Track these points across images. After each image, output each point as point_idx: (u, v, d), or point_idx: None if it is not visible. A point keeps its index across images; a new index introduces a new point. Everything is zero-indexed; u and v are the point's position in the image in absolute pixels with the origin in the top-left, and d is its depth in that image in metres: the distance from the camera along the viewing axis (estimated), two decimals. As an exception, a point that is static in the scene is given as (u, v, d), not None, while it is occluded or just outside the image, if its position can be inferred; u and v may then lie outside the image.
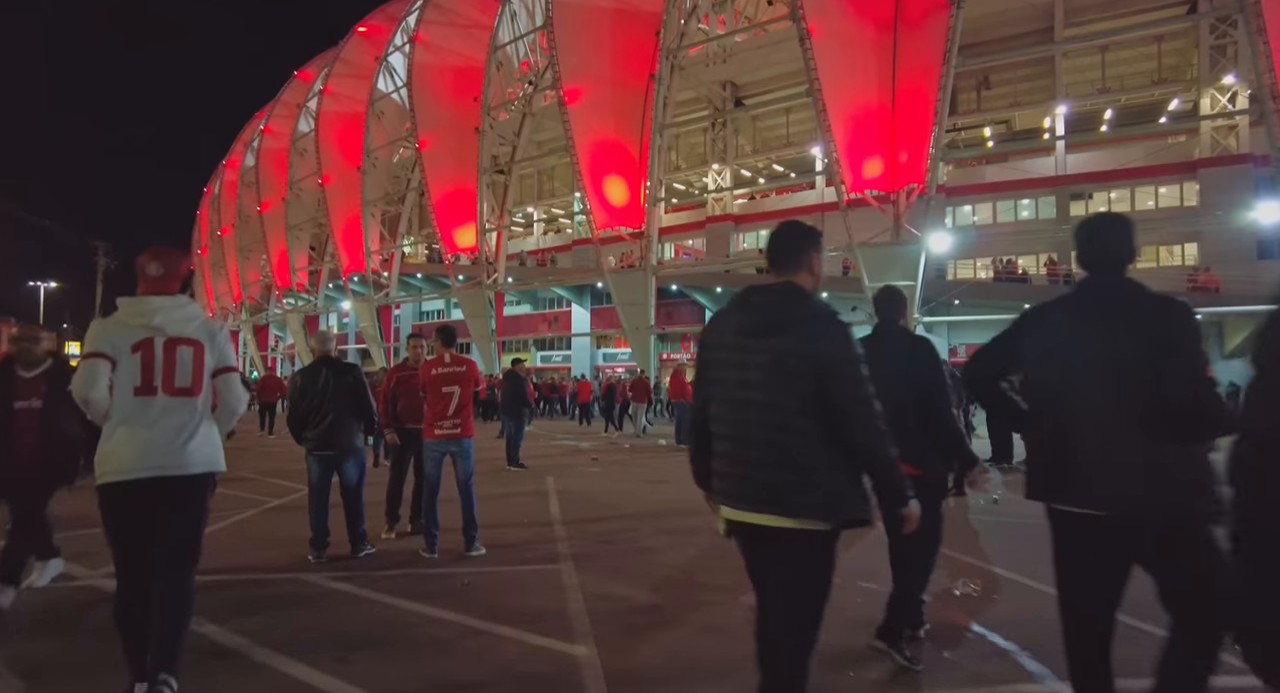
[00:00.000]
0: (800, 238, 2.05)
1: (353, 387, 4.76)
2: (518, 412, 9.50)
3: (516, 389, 9.53)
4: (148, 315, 2.54)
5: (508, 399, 9.65)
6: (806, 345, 1.85)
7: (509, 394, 9.64)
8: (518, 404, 9.49)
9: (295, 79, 45.37)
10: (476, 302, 30.74)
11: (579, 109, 26.40)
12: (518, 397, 9.50)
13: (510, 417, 9.60)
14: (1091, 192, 26.03)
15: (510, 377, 9.87)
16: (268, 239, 43.73)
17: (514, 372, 9.78)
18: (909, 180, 21.44)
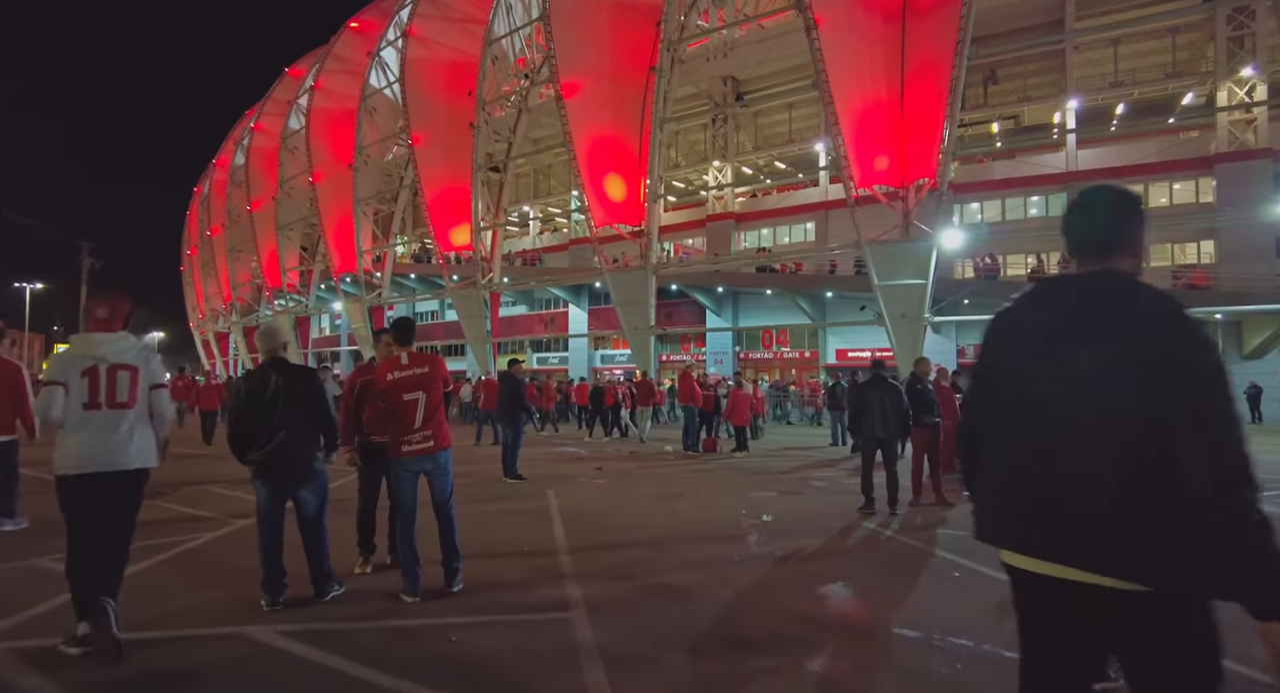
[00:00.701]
0: (1123, 208, 1.61)
1: (309, 396, 3.91)
2: (515, 417, 8.68)
3: (513, 392, 8.69)
4: (93, 348, 3.32)
5: (504, 404, 8.83)
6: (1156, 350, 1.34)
7: (505, 398, 8.82)
8: (514, 409, 8.66)
9: (286, 76, 44.47)
10: (471, 302, 29.89)
11: (577, 103, 25.58)
12: (514, 400, 8.65)
13: (507, 423, 8.77)
14: (1104, 188, 25.28)
15: (506, 379, 9.04)
16: (258, 239, 42.79)
17: (509, 374, 8.94)
18: (919, 175, 20.70)
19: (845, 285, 26.42)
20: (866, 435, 6.89)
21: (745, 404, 11.68)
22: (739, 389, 12.05)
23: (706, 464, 10.66)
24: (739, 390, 11.96)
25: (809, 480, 8.88)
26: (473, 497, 7.36)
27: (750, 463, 10.75)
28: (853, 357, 29.12)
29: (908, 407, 6.91)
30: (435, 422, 4.09)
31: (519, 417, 8.68)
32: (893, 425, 6.75)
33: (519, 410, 8.67)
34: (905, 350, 20.77)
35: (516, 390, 8.62)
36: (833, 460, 11.47)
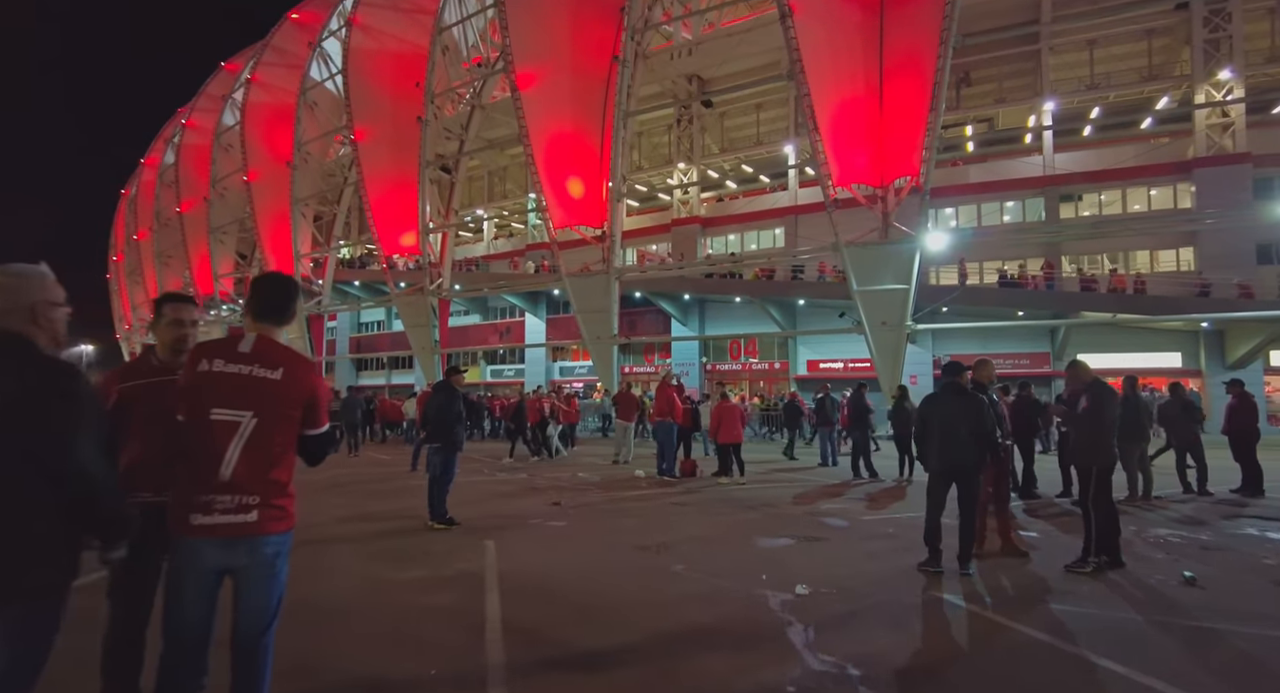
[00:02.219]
0: None
1: (35, 418, 1.80)
2: (449, 440, 6.85)
3: (448, 408, 6.85)
4: None
5: (436, 423, 6.94)
6: None
7: (437, 415, 6.92)
8: (449, 430, 6.80)
9: (222, 71, 41.64)
10: (418, 309, 27.65)
11: (534, 96, 23.79)
12: (450, 417, 6.77)
13: (438, 448, 6.87)
14: (1081, 192, 24.62)
15: (442, 391, 7.09)
16: (188, 243, 39.73)
17: (448, 384, 6.94)
18: (899, 174, 19.46)
19: (818, 293, 25.08)
20: (941, 466, 5.08)
21: (736, 419, 9.97)
22: (725, 401, 10.31)
23: (689, 494, 8.85)
24: (726, 403, 10.22)
25: (821, 518, 7.14)
26: (373, 555, 5.44)
27: (740, 492, 8.98)
28: (825, 368, 27.81)
29: (994, 425, 5.17)
30: (269, 477, 2.22)
31: (453, 439, 6.72)
32: (975, 451, 5.01)
33: (454, 431, 6.71)
34: (886, 360, 19.44)
35: (451, 406, 6.63)
36: (834, 486, 9.78)
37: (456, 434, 6.73)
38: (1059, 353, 23.85)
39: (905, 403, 10.42)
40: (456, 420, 6.70)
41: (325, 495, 8.87)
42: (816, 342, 28.02)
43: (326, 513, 7.56)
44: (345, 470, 12.10)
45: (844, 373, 27.05)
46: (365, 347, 42.49)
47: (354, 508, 7.85)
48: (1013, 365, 24.57)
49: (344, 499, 8.56)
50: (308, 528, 6.54)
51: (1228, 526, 6.75)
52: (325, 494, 8.98)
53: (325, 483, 10.05)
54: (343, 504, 8.12)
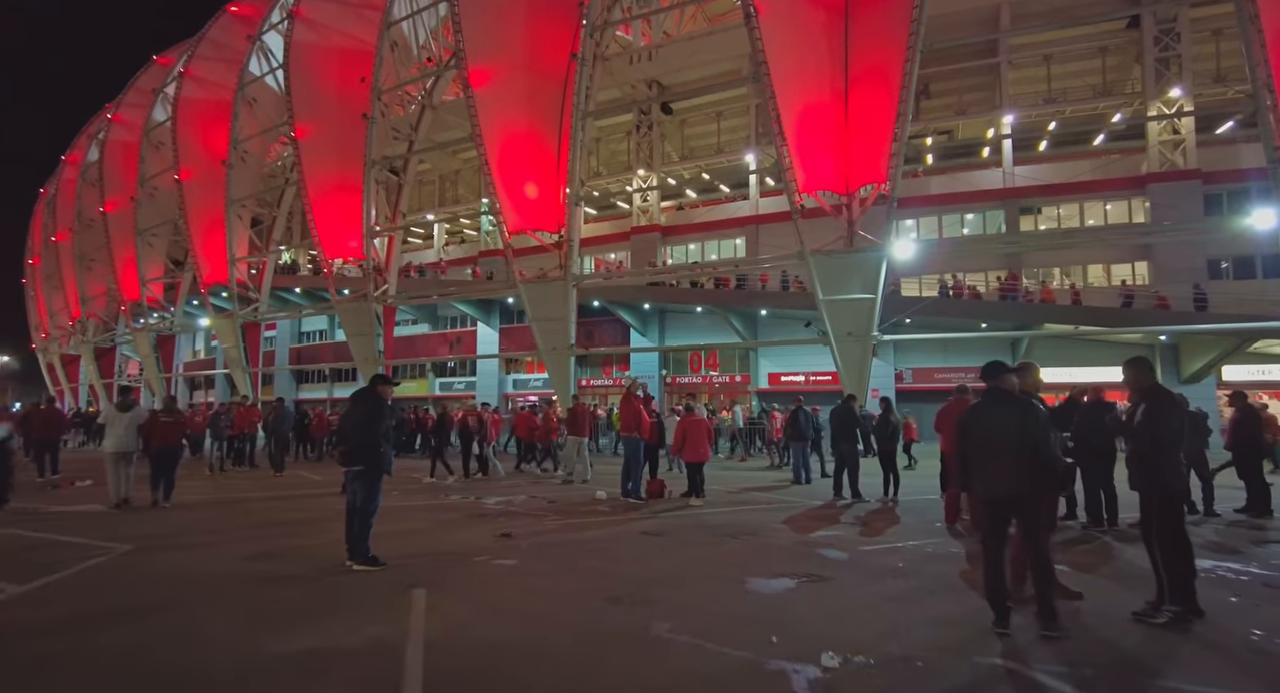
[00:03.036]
0: None
1: None
2: (374, 462, 5.59)
3: (371, 423, 5.53)
4: None
5: (358, 441, 5.57)
6: None
7: (358, 431, 5.57)
8: (373, 450, 5.55)
9: (154, 64, 39.27)
10: (360, 317, 26.04)
11: (488, 94, 22.72)
12: (374, 434, 5.53)
13: (359, 472, 5.57)
14: (1040, 206, 24.69)
15: (364, 401, 5.66)
16: (113, 246, 37.00)
17: (373, 393, 5.69)
18: (866, 180, 19.00)
19: (781, 303, 24.49)
20: (989, 492, 4.05)
21: (702, 434, 9.00)
22: (691, 414, 9.34)
23: (658, 519, 7.83)
24: (691, 416, 9.25)
25: (816, 548, 6.20)
26: (261, 614, 4.25)
27: (716, 517, 7.99)
28: (786, 380, 27.21)
29: (1051, 437, 4.18)
30: None
31: (379, 462, 5.61)
32: (1030, 472, 3.94)
33: (380, 449, 5.62)
34: (852, 372, 18.84)
35: (375, 420, 5.43)
36: (817, 509, 8.86)
37: (383, 455, 5.57)
38: (1020, 366, 23.70)
39: (890, 416, 9.63)
40: (383, 438, 5.54)
41: (235, 527, 7.56)
42: (778, 354, 27.44)
43: (228, 549, 6.29)
44: (268, 494, 10.69)
45: (806, 385, 26.50)
46: (306, 358, 40.29)
47: (264, 543, 6.59)
48: (974, 379, 24.32)
49: (255, 531, 7.28)
50: (196, 575, 5.27)
51: (1266, 553, 6.07)
52: (236, 526, 7.67)
53: (238, 512, 8.70)
54: (251, 538, 6.85)
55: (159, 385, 37.07)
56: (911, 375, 25.24)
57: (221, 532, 7.25)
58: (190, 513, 8.76)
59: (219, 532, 7.27)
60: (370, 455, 5.55)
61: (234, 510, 8.84)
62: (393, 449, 5.89)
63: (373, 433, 5.55)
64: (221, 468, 14.79)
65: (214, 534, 7.08)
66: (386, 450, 5.64)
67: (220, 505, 9.33)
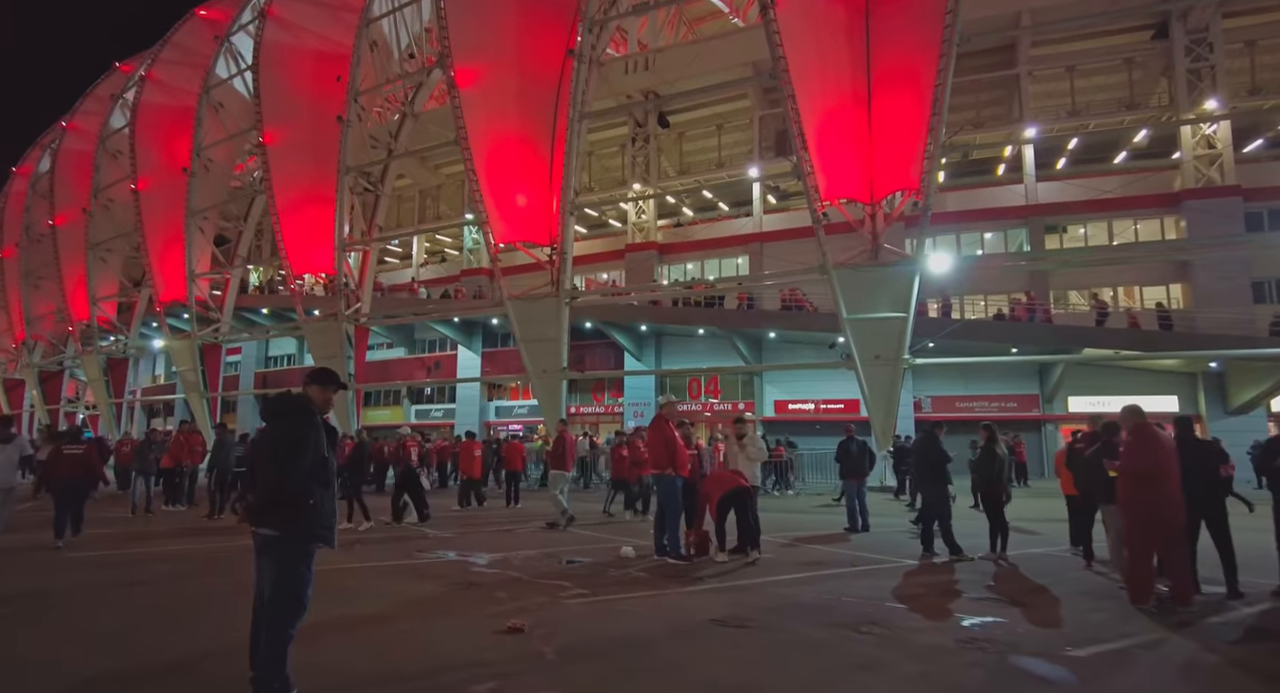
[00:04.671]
0: None
1: None
2: (297, 524, 3.22)
3: (296, 454, 3.20)
4: None
5: (281, 489, 3.22)
6: None
7: (282, 469, 3.24)
8: (300, 503, 3.22)
9: (115, 71, 36.90)
10: (330, 338, 23.66)
11: (476, 95, 20.85)
12: (299, 473, 3.22)
13: (277, 544, 3.23)
14: (1065, 224, 23.22)
15: (285, 414, 3.37)
16: (61, 261, 34.22)
17: (299, 402, 3.35)
18: (894, 187, 17.30)
19: (792, 324, 22.58)
20: None
21: (719, 479, 6.94)
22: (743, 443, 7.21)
23: (724, 593, 5.60)
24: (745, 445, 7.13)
25: (1003, 656, 4.03)
26: None
27: (799, 588, 5.81)
28: (794, 409, 25.16)
29: None
30: None
31: (306, 522, 3.22)
32: None
33: (305, 505, 3.21)
34: (880, 399, 16.86)
35: (300, 448, 3.12)
36: (921, 572, 6.69)
37: (315, 511, 3.27)
38: (1050, 395, 21.95)
39: (994, 447, 7.52)
40: (315, 480, 3.33)
41: (100, 606, 5.23)
42: (785, 381, 25.45)
43: (72, 656, 3.97)
44: (188, 546, 8.30)
45: (816, 415, 24.50)
46: (273, 384, 37.44)
47: (130, 645, 4.28)
48: (998, 408, 22.53)
49: (131, 615, 4.97)
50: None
51: None
52: (104, 603, 5.34)
53: (126, 577, 6.34)
54: (116, 633, 4.53)
55: (108, 413, 34.01)
56: (930, 404, 23.33)
57: (73, 617, 4.92)
58: (56, 575, 6.40)
59: (69, 618, 4.93)
60: (291, 511, 3.22)
61: (122, 574, 6.47)
62: (335, 500, 3.53)
63: (295, 470, 3.24)
64: (148, 509, 12.25)
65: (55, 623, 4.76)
66: (323, 501, 3.37)
67: (105, 568, 6.93)
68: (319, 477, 3.29)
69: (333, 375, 3.45)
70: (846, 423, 12.64)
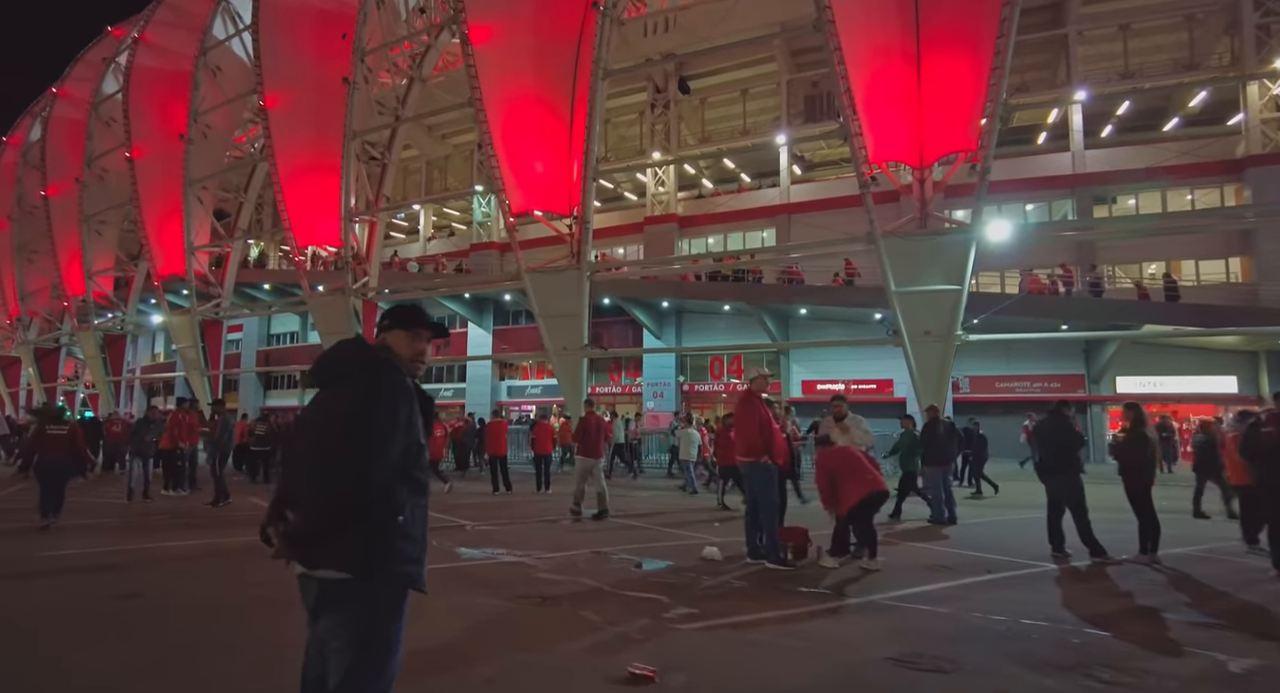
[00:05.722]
0: None
1: None
2: (374, 562, 1.92)
3: (377, 440, 1.85)
4: None
5: (347, 508, 1.91)
6: None
7: (349, 470, 1.93)
8: (386, 527, 1.95)
9: (108, 36, 35.35)
10: (336, 314, 22.50)
11: (491, 53, 19.50)
12: (383, 475, 1.89)
13: (348, 593, 1.91)
14: (1115, 194, 21.91)
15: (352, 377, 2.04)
16: (55, 233, 32.97)
17: (374, 359, 2.00)
18: (946, 149, 16.05)
19: (826, 299, 21.38)
20: None
21: (861, 462, 5.79)
22: (827, 447, 6.06)
23: (872, 614, 4.44)
24: (826, 450, 5.98)
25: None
26: None
27: (951, 600, 4.70)
28: (823, 390, 23.99)
29: None
30: None
31: (390, 559, 1.91)
32: None
33: (393, 526, 1.92)
34: (929, 377, 15.74)
35: (386, 434, 2.01)
36: (1081, 581, 5.58)
37: (411, 535, 2.02)
38: (1097, 375, 20.81)
39: (1144, 429, 6.37)
40: (420, 484, 2.07)
41: (86, 634, 4.14)
42: (814, 360, 24.32)
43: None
44: (185, 542, 7.21)
45: (847, 396, 23.30)
46: (276, 361, 36.38)
47: None
48: (1041, 389, 21.42)
49: (125, 655, 3.84)
50: None
51: None
52: (90, 629, 4.25)
53: (105, 593, 5.25)
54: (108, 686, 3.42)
55: (105, 391, 32.95)
56: (969, 385, 22.20)
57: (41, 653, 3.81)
58: (28, 585, 5.32)
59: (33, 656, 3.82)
60: (366, 535, 1.94)
61: (110, 582, 5.37)
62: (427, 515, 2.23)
63: (373, 467, 1.93)
64: (145, 494, 11.18)
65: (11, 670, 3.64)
66: (415, 518, 2.05)
67: (90, 573, 5.82)
68: (410, 478, 2.04)
69: (421, 314, 2.27)
70: (932, 404, 11.42)
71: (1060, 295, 19.82)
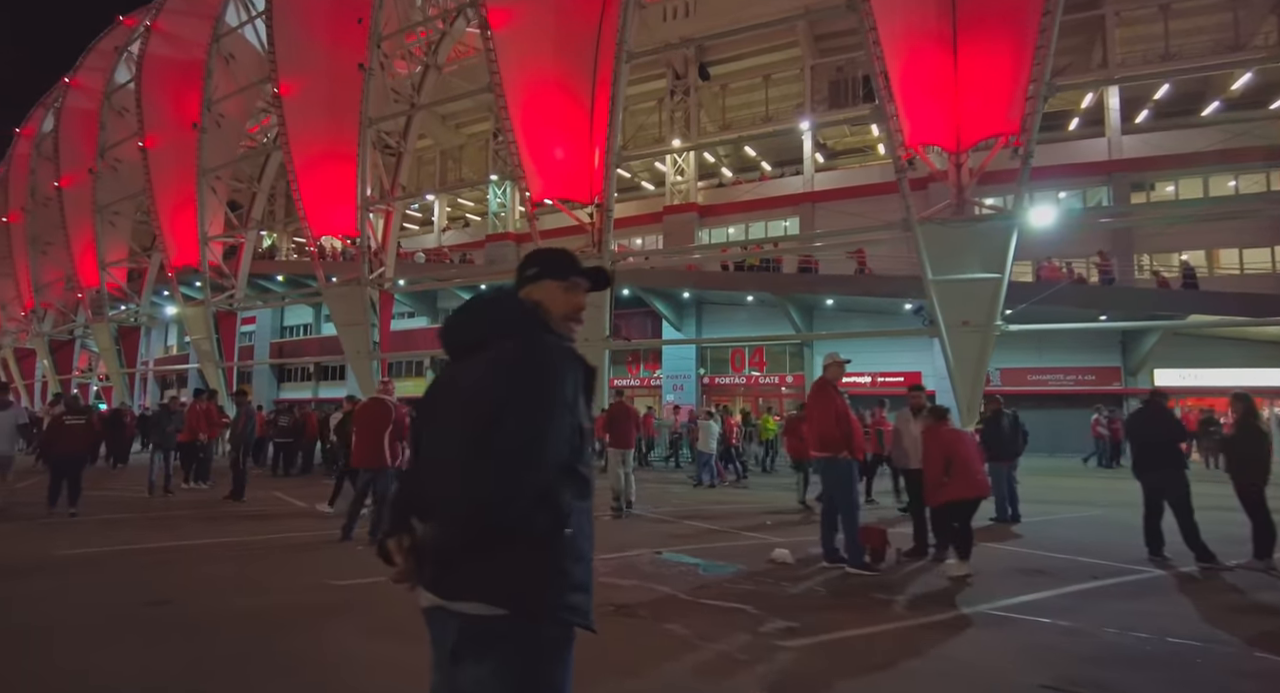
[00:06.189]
0: None
1: None
2: (539, 602, 1.41)
3: (561, 426, 1.46)
4: None
5: (472, 558, 1.41)
6: None
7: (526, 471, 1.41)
8: (540, 571, 1.44)
9: (119, 25, 34.98)
10: (353, 304, 22.12)
11: (510, 36, 19.01)
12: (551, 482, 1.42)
13: (486, 646, 1.39)
14: (1153, 181, 21.23)
15: (507, 339, 1.46)
16: (68, 225, 32.73)
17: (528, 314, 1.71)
18: (984, 133, 15.46)
19: (854, 289, 20.84)
20: None
21: (974, 453, 5.28)
22: (944, 423, 5.56)
23: (982, 630, 4.00)
24: (944, 426, 5.48)
25: None
26: None
27: (1057, 614, 4.19)
28: (847, 384, 23.43)
29: None
30: None
31: (565, 602, 1.42)
32: None
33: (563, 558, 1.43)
34: (966, 371, 15.16)
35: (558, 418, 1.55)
36: (1210, 597, 5.05)
37: (580, 553, 1.49)
38: (1134, 367, 20.21)
39: (1257, 422, 5.84)
40: (586, 484, 1.53)
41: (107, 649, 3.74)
42: (838, 351, 23.76)
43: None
44: (211, 539, 6.83)
45: (872, 389, 22.82)
46: (289, 354, 36.15)
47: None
48: (1074, 382, 20.84)
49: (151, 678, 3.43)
50: None
51: None
52: (112, 644, 3.85)
53: (128, 600, 4.85)
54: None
55: (120, 384, 32.77)
56: (1000, 377, 21.62)
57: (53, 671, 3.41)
58: (45, 585, 4.94)
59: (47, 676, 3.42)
60: (527, 557, 1.42)
61: (132, 587, 4.97)
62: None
63: (535, 465, 1.41)
64: (166, 488, 10.82)
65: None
66: (583, 529, 1.51)
67: (109, 575, 5.42)
68: (575, 475, 1.50)
69: (575, 260, 1.78)
70: (992, 395, 10.81)
71: (1093, 284, 19.23)
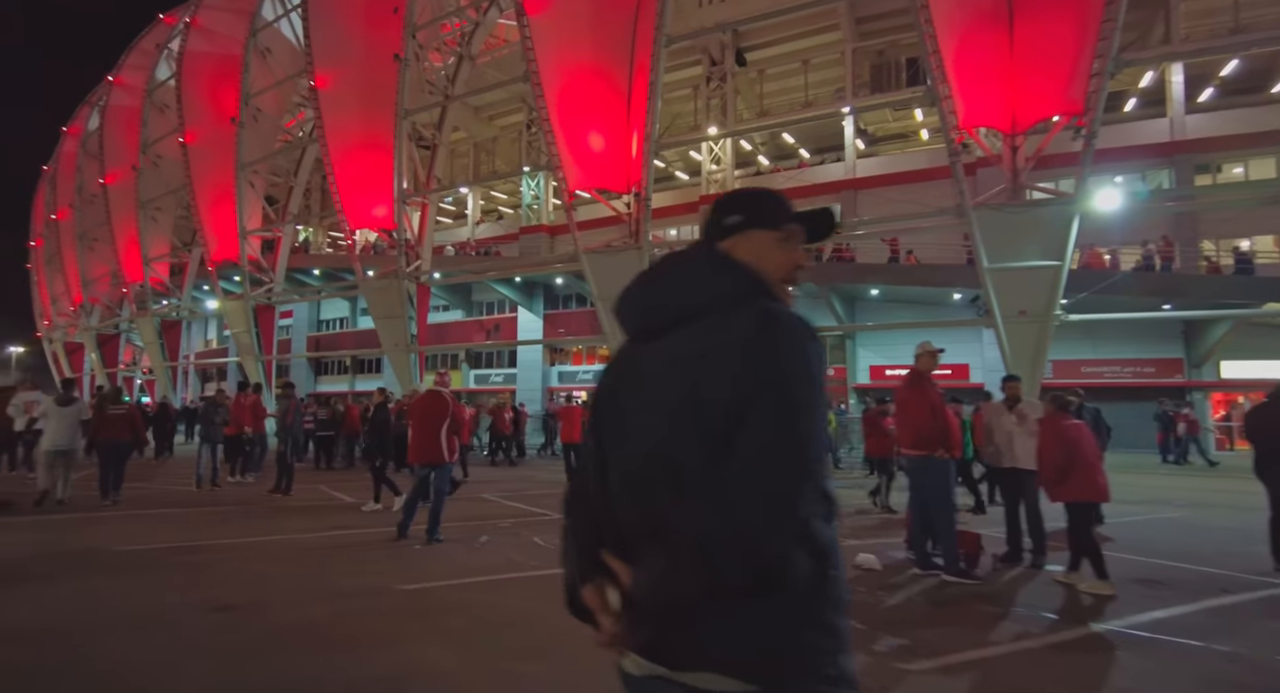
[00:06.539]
0: None
1: None
2: (801, 667, 0.99)
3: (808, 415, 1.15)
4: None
5: (709, 612, 1.00)
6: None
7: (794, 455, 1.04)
8: (803, 627, 0.99)
9: (159, 23, 35.50)
10: (390, 298, 22.12)
11: (547, 24, 18.72)
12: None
13: None
14: (1220, 162, 20.19)
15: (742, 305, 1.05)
16: (113, 220, 33.41)
17: None
18: (1041, 114, 14.82)
19: (901, 279, 20.22)
20: None
21: (1092, 448, 4.77)
22: (1064, 415, 5.03)
23: (1127, 651, 3.52)
24: (1064, 418, 4.95)
25: None
26: None
27: (1211, 636, 3.74)
28: (891, 375, 22.85)
29: None
30: None
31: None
32: None
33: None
34: (1023, 361, 14.54)
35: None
36: None
37: (840, 597, 1.04)
38: (1199, 359, 19.28)
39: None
40: (831, 503, 1.02)
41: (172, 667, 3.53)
42: (881, 343, 23.18)
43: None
44: (260, 537, 6.69)
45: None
46: (326, 347, 36.53)
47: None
48: (1133, 374, 19.97)
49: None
50: None
51: None
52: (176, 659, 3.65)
53: (185, 602, 4.66)
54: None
55: (164, 377, 33.42)
56: (1051, 370, 20.78)
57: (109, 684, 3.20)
58: (99, 585, 4.79)
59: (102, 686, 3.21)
60: (782, 612, 0.97)
61: (188, 589, 4.80)
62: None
63: (809, 500, 0.95)
64: (214, 482, 10.80)
65: None
66: (839, 567, 1.03)
67: (163, 576, 5.26)
68: (825, 495, 0.99)
69: (783, 203, 1.23)
70: (1073, 389, 10.23)
71: (1156, 272, 18.35)
